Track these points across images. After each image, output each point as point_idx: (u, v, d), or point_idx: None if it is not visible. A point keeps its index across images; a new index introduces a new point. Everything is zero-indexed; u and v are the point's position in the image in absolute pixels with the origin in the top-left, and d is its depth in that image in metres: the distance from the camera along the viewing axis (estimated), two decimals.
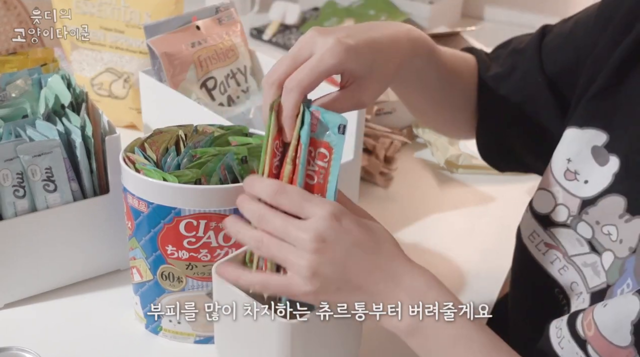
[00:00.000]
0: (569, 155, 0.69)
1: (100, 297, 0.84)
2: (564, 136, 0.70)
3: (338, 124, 0.61)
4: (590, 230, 0.67)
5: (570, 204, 0.69)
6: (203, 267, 0.73)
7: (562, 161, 0.70)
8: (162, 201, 0.70)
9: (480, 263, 0.94)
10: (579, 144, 0.68)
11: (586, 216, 0.67)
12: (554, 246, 0.71)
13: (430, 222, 1.01)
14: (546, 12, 1.74)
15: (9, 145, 0.74)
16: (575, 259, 0.69)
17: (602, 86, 0.67)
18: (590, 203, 0.67)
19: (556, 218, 0.70)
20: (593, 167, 0.67)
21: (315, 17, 1.66)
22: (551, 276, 0.72)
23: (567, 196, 0.69)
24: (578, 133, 0.68)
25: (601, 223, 0.66)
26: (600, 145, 0.67)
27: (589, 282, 0.67)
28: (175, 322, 0.77)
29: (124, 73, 1.16)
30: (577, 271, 0.69)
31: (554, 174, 0.70)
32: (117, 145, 0.81)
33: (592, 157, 0.67)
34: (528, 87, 0.78)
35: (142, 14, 1.13)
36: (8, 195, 0.76)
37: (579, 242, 0.69)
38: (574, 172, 0.69)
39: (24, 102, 0.82)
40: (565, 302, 0.70)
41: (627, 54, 0.66)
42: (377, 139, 1.14)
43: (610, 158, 0.66)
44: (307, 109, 0.61)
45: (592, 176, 0.67)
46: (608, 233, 0.66)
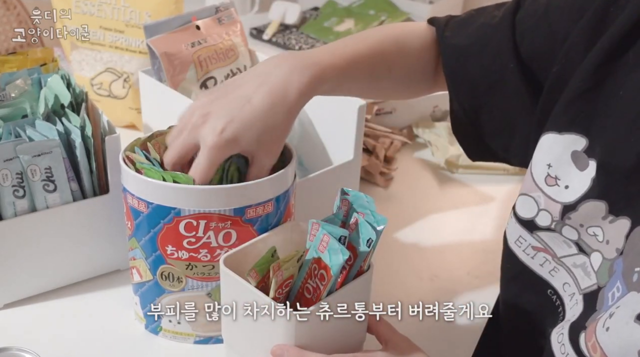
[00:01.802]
0: (548, 160, 0.68)
1: (100, 298, 0.84)
2: (543, 141, 0.69)
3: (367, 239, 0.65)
4: (575, 232, 0.67)
5: (551, 209, 0.68)
6: (203, 267, 0.73)
7: (542, 166, 0.69)
8: (161, 201, 0.70)
9: (480, 263, 0.94)
10: (558, 149, 0.68)
11: (569, 220, 0.67)
12: (542, 249, 0.71)
13: (430, 222, 1.01)
14: None
15: (9, 145, 0.74)
16: (565, 260, 0.69)
17: (579, 90, 0.66)
18: (571, 208, 0.67)
19: (540, 223, 0.70)
20: (573, 172, 0.67)
21: (315, 17, 1.66)
22: (543, 278, 0.71)
23: (549, 202, 0.69)
24: (557, 138, 0.68)
25: (585, 225, 0.66)
26: (580, 150, 0.66)
27: (580, 283, 0.67)
28: (175, 323, 0.77)
29: (123, 73, 1.16)
30: (567, 271, 0.69)
31: (535, 180, 0.70)
32: (117, 145, 0.81)
33: (572, 162, 0.67)
34: (499, 71, 0.75)
35: (142, 14, 1.13)
36: (8, 195, 0.76)
37: (566, 244, 0.68)
38: (554, 178, 0.68)
39: (23, 102, 0.82)
40: (559, 303, 0.70)
41: (603, 57, 0.65)
42: (377, 139, 1.14)
43: (590, 163, 0.65)
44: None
45: (573, 181, 0.67)
46: (594, 234, 0.65)
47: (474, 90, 0.78)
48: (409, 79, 0.84)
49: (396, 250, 0.95)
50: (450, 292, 0.89)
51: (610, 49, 0.65)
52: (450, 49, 0.79)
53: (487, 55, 0.76)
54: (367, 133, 1.12)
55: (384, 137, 1.14)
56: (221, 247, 0.72)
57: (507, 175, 1.14)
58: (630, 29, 0.64)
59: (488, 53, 0.76)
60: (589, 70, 0.66)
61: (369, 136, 1.13)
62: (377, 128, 1.16)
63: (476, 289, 0.90)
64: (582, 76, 0.66)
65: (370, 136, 1.13)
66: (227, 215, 0.70)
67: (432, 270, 0.93)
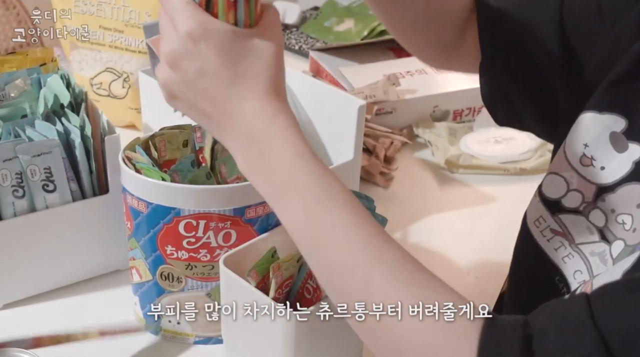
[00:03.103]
0: (585, 140, 0.67)
1: (99, 297, 0.84)
2: (581, 120, 0.68)
3: None
4: (603, 218, 0.66)
5: (585, 190, 0.67)
6: (202, 268, 0.73)
7: (578, 146, 0.68)
8: (161, 201, 0.70)
9: (480, 263, 0.94)
10: (596, 129, 0.67)
11: (602, 203, 0.66)
12: (561, 233, 0.70)
13: (430, 222, 1.01)
14: None
15: (8, 145, 0.74)
16: (583, 247, 0.68)
17: (624, 72, 0.65)
18: (608, 190, 0.65)
19: (567, 204, 0.69)
20: (611, 153, 0.66)
21: (315, 17, 1.66)
22: (554, 264, 0.70)
23: (583, 182, 0.67)
24: (597, 117, 0.67)
25: (617, 211, 0.65)
26: (619, 132, 0.65)
27: (594, 270, 0.66)
28: (175, 323, 0.77)
29: (123, 73, 1.16)
30: (582, 259, 0.68)
31: (569, 159, 0.69)
32: (117, 145, 0.81)
33: (610, 143, 0.66)
34: (541, 37, 0.72)
35: (142, 14, 1.13)
36: (7, 195, 0.76)
37: (588, 230, 0.67)
38: (590, 158, 0.67)
39: (23, 102, 0.82)
40: (565, 291, 0.69)
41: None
42: (377, 139, 1.14)
43: (630, 145, 0.64)
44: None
45: (610, 163, 0.66)
46: (622, 222, 0.64)
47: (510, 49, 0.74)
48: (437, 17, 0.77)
49: None
50: None
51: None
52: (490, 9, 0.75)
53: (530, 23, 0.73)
54: (367, 133, 1.12)
55: (384, 137, 1.14)
56: (221, 247, 0.72)
57: (507, 175, 1.14)
58: None
59: (532, 22, 0.73)
60: (637, 54, 0.65)
61: (369, 136, 1.13)
62: (377, 128, 1.16)
63: (476, 289, 0.90)
64: (630, 60, 0.65)
65: (370, 136, 1.13)
66: (227, 215, 0.70)
67: (432, 270, 0.92)
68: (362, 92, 1.16)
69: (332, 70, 1.26)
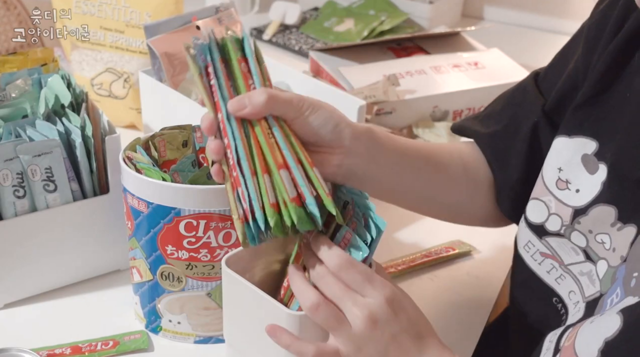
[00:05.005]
0: (559, 164, 0.69)
1: (100, 297, 0.84)
2: (554, 145, 0.69)
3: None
4: (584, 239, 0.67)
5: (562, 213, 0.68)
6: (203, 267, 0.73)
7: (553, 170, 0.69)
8: (162, 201, 0.70)
9: (480, 263, 0.94)
10: (569, 152, 0.68)
11: (578, 225, 0.67)
12: (550, 255, 0.71)
13: (430, 222, 1.00)
14: (546, 12, 1.74)
15: (9, 145, 0.74)
16: (572, 267, 0.69)
17: (589, 94, 0.67)
18: (581, 212, 0.66)
19: (550, 228, 0.70)
20: (584, 175, 0.67)
21: (315, 17, 1.66)
22: (549, 286, 0.71)
23: (560, 205, 0.68)
24: (567, 142, 0.68)
25: (594, 232, 0.66)
26: (590, 153, 0.66)
27: (585, 291, 0.67)
28: (176, 322, 0.77)
29: (123, 73, 1.16)
30: (574, 279, 0.69)
31: (546, 184, 0.70)
32: (117, 145, 0.81)
33: (583, 165, 0.67)
34: (538, 139, 0.75)
35: (142, 14, 1.13)
36: (8, 195, 0.76)
37: (574, 251, 0.68)
38: (565, 181, 0.68)
39: (24, 102, 0.82)
40: (564, 312, 0.70)
41: (610, 61, 0.66)
42: None
43: (600, 166, 0.65)
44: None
45: (583, 185, 0.67)
46: (602, 242, 0.65)
47: (519, 166, 0.76)
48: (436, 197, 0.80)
49: (396, 250, 0.95)
50: (450, 292, 0.89)
51: (616, 54, 0.65)
52: (486, 137, 0.78)
53: (522, 132, 0.75)
54: None
55: None
56: (221, 247, 0.72)
57: None
58: (636, 33, 0.64)
59: (523, 130, 0.75)
60: (597, 75, 0.66)
61: None
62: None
63: (476, 289, 0.90)
64: (590, 82, 0.67)
65: None
66: (227, 215, 0.70)
67: (432, 270, 0.93)
68: (362, 93, 1.16)
69: (332, 70, 1.27)
